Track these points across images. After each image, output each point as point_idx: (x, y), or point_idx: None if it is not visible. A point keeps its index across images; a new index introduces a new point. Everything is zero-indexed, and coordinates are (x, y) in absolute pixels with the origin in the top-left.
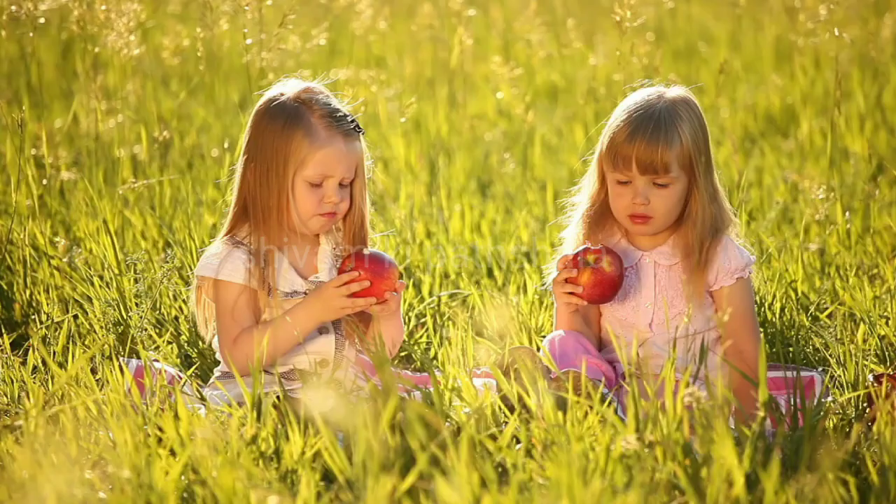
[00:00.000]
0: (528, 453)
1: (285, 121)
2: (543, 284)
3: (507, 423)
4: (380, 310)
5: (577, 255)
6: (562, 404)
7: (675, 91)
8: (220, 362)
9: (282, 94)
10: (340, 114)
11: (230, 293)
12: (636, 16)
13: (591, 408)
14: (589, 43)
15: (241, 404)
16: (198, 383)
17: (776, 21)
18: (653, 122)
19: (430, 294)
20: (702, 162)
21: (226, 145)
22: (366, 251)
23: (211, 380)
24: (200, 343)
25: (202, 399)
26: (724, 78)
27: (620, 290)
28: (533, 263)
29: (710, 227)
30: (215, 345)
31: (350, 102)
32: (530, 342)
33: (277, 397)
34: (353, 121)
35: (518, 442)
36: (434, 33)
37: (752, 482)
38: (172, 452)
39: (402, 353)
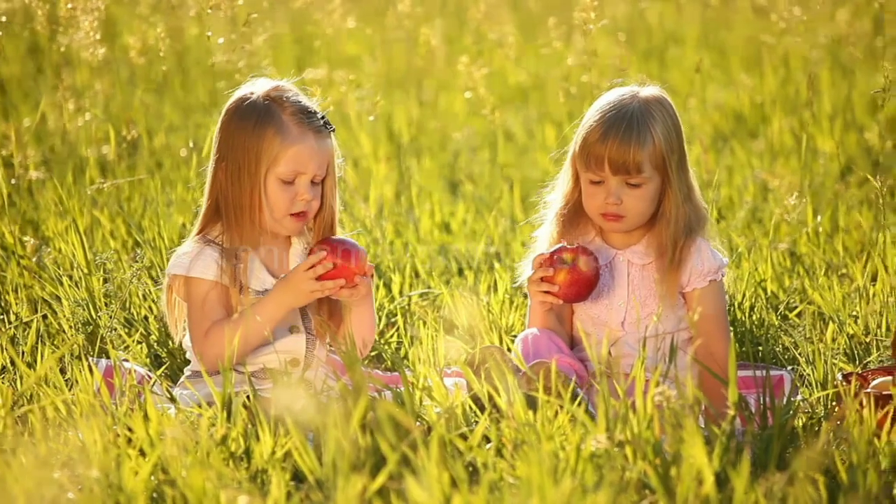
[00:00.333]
0: (499, 453)
1: (256, 119)
2: (516, 283)
3: (477, 422)
4: (349, 294)
5: (553, 253)
6: (532, 403)
7: (649, 90)
8: (189, 362)
9: (252, 93)
10: (311, 111)
11: (201, 289)
12: (600, 17)
13: (561, 407)
14: (566, 42)
15: (210, 404)
16: (167, 383)
17: (746, 21)
18: (625, 122)
19: (401, 293)
20: (675, 161)
21: (191, 144)
22: (333, 238)
23: (181, 379)
24: (170, 343)
25: (172, 399)
26: (695, 78)
27: (595, 288)
28: (503, 263)
29: (685, 226)
30: (186, 344)
31: (319, 102)
32: (501, 341)
33: (248, 397)
34: (323, 118)
35: (488, 441)
36: (404, 33)
37: (721, 481)
38: (142, 452)
39: (373, 353)
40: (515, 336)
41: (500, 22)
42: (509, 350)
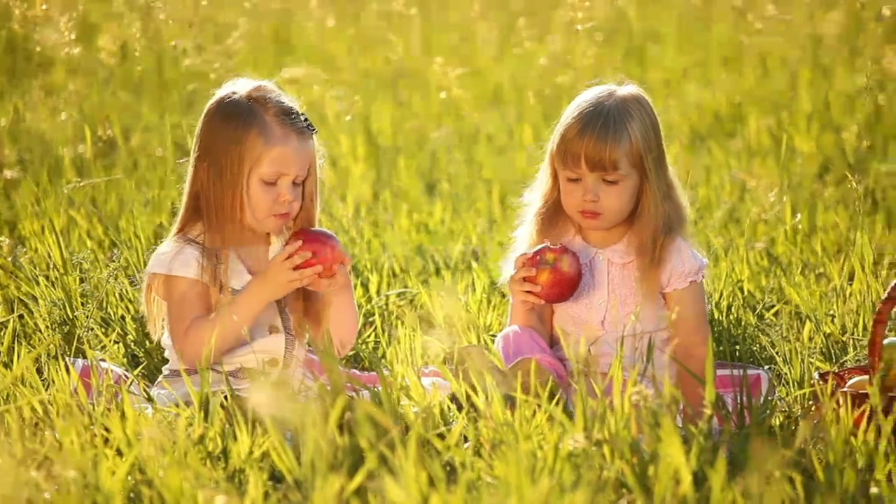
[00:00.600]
0: (477, 452)
1: (239, 120)
2: (496, 284)
3: (455, 422)
4: (328, 284)
5: (535, 254)
6: (512, 403)
7: (627, 89)
8: (167, 361)
9: (234, 93)
10: (294, 112)
11: (181, 287)
12: (588, 19)
13: (539, 406)
14: (542, 42)
15: (188, 404)
16: (145, 383)
17: (724, 21)
18: (601, 119)
19: (378, 293)
20: (653, 159)
21: (167, 145)
22: (308, 229)
23: (158, 379)
24: (147, 342)
25: (149, 399)
26: (673, 77)
27: (577, 289)
28: (481, 262)
29: (664, 225)
30: (164, 343)
31: (298, 101)
32: (479, 340)
33: (225, 397)
34: (305, 119)
35: (466, 441)
36: (381, 34)
37: (699, 480)
38: (119, 452)
39: (351, 353)
40: (494, 335)
41: (480, 21)
42: (488, 349)
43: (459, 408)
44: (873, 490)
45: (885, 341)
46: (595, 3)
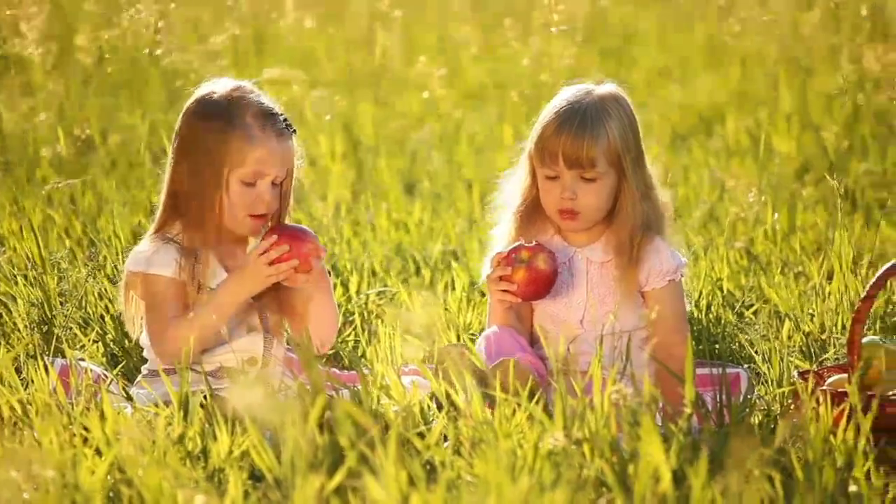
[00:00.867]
0: (457, 451)
1: (218, 120)
2: (475, 285)
3: (435, 420)
4: (305, 280)
5: (510, 252)
6: (492, 402)
7: (605, 88)
8: (146, 361)
9: (213, 93)
10: (273, 112)
11: (159, 285)
12: (566, 20)
13: (519, 405)
14: (524, 43)
15: (167, 403)
16: (124, 382)
17: (706, 20)
18: (578, 117)
19: (358, 292)
20: (631, 159)
21: (147, 144)
22: (283, 224)
23: (137, 379)
24: (126, 342)
25: (128, 398)
26: (654, 77)
27: (554, 286)
28: (461, 261)
29: (642, 224)
30: (143, 342)
31: (278, 102)
32: (458, 339)
33: (205, 396)
34: (285, 120)
35: (446, 440)
36: (363, 33)
37: (678, 479)
38: (98, 452)
39: (330, 352)
40: (473, 334)
41: (461, 21)
42: (468, 348)
43: (439, 407)
44: (852, 488)
45: (864, 340)
46: (574, 4)
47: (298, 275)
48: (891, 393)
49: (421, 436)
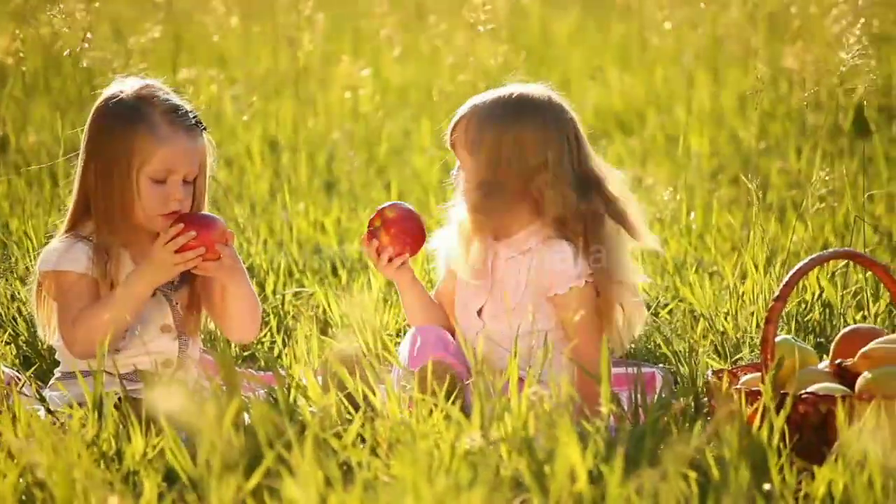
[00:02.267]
0: (374, 452)
1: (127, 118)
2: (392, 284)
3: (352, 421)
4: (215, 267)
5: (369, 231)
6: (409, 402)
7: (532, 87)
8: (59, 363)
9: (121, 92)
10: (183, 110)
11: (69, 279)
12: (490, 20)
13: (436, 405)
14: (448, 42)
15: (82, 405)
16: (37, 384)
17: (622, 20)
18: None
19: (274, 293)
20: (552, 155)
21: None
22: (189, 213)
23: (51, 380)
24: (39, 344)
25: (42, 400)
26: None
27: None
28: None
29: (559, 223)
30: (56, 344)
31: (192, 101)
32: (375, 340)
33: (119, 398)
34: (195, 117)
35: (364, 440)
36: (284, 32)
37: (594, 478)
38: (10, 455)
39: (246, 353)
40: (390, 334)
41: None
42: (386, 348)
43: (356, 407)
44: (766, 486)
45: (777, 339)
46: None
47: (207, 263)
48: (803, 392)
49: (338, 436)
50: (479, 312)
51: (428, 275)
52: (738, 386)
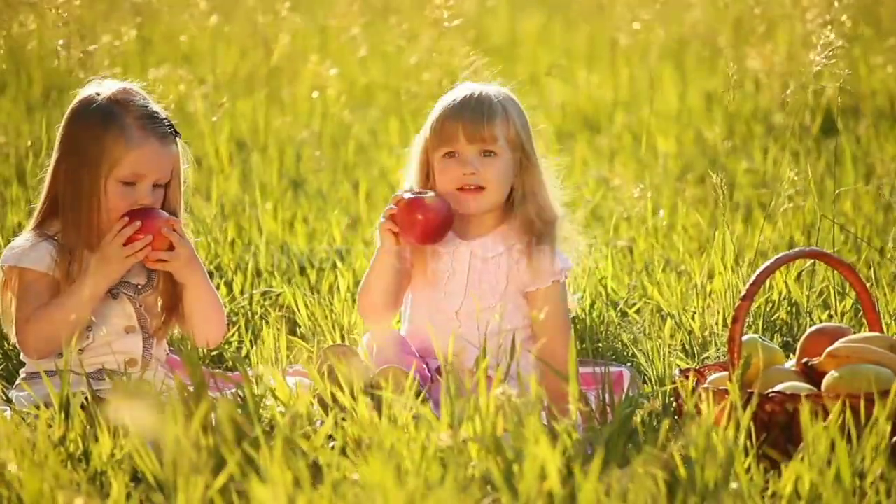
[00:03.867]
0: (343, 452)
1: (100, 121)
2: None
3: (321, 421)
4: (172, 258)
5: (405, 199)
6: (378, 402)
7: (497, 89)
8: (25, 363)
9: (98, 94)
10: (157, 116)
11: (30, 278)
12: (454, 16)
13: (405, 406)
14: (413, 40)
15: (48, 405)
16: (3, 384)
17: (589, 19)
18: (475, 100)
19: (242, 293)
20: (527, 152)
21: (29, 143)
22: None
23: (17, 381)
24: (5, 343)
25: (7, 400)
26: (540, 76)
27: (442, 235)
28: (346, 262)
29: (536, 221)
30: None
31: (160, 101)
32: (343, 340)
33: (86, 398)
34: (169, 123)
35: (333, 441)
36: (254, 30)
37: (563, 477)
38: None
39: (213, 353)
40: (359, 335)
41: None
42: (350, 349)
43: (325, 408)
44: (733, 485)
45: (744, 338)
46: (463, 1)
47: (159, 252)
48: (770, 391)
49: (307, 437)
50: (457, 313)
51: None
52: (706, 385)
